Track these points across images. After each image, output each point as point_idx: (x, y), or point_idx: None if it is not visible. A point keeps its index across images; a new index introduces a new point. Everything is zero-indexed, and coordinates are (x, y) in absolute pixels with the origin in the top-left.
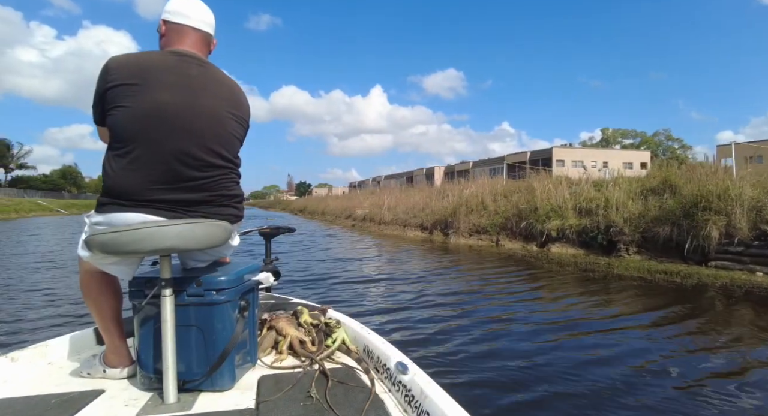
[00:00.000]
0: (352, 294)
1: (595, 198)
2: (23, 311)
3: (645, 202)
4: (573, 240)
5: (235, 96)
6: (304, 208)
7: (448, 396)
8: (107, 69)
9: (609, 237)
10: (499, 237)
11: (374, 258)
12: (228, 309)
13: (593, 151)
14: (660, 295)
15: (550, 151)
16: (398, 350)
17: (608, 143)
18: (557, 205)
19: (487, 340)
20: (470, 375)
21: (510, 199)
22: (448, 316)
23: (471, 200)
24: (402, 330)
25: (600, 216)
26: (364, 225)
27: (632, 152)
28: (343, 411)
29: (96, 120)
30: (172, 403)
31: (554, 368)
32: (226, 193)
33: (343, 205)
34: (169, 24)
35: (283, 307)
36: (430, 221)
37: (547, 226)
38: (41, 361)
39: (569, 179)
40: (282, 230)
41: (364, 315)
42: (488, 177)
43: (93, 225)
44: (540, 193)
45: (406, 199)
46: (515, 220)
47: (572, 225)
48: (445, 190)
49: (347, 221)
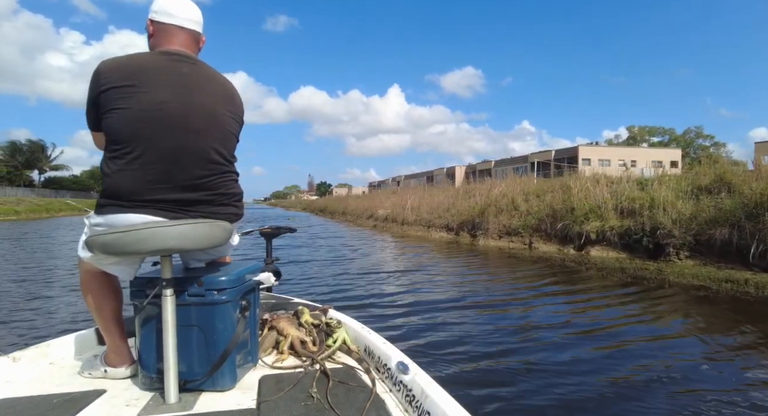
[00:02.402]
0: (382, 296)
1: (639, 197)
2: (28, 310)
3: (697, 202)
4: (614, 243)
5: (228, 93)
6: (325, 207)
7: (449, 396)
8: (99, 73)
9: (656, 239)
10: (532, 239)
11: (398, 260)
12: (229, 309)
13: (620, 149)
14: (738, 311)
15: (575, 150)
16: (399, 350)
17: (635, 141)
18: (596, 205)
19: (503, 343)
20: (472, 375)
21: (543, 198)
22: (471, 319)
23: (500, 200)
24: (426, 332)
25: (645, 217)
26: (386, 225)
27: (661, 150)
28: (344, 411)
29: (90, 125)
30: (173, 403)
31: (577, 380)
32: (226, 192)
33: (364, 205)
34: (156, 24)
35: (284, 307)
36: (456, 222)
37: (585, 228)
38: (43, 361)
39: (609, 177)
40: (283, 230)
41: (397, 316)
42: (512, 176)
43: (93, 227)
44: (577, 192)
45: (430, 198)
46: (550, 221)
47: (613, 227)
48: (472, 189)
49: (368, 221)
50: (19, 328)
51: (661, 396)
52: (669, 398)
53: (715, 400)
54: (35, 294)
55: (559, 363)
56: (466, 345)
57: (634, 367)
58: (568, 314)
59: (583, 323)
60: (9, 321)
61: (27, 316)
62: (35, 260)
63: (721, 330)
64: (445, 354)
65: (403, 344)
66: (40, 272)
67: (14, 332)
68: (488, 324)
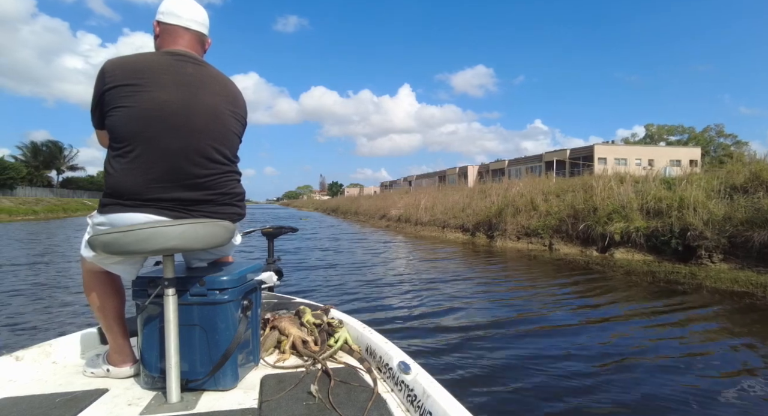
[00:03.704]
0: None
1: (666, 197)
2: (32, 310)
3: (731, 202)
4: (640, 245)
5: (232, 93)
6: (337, 207)
7: (451, 396)
8: (104, 72)
9: (686, 241)
10: (553, 240)
11: (411, 261)
12: (231, 309)
13: (637, 148)
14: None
15: (591, 149)
16: (401, 350)
17: (652, 140)
18: (620, 205)
19: (508, 345)
20: (474, 375)
21: (563, 198)
22: (484, 322)
23: (518, 199)
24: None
25: (673, 218)
26: (400, 225)
27: (680, 149)
28: (346, 410)
29: (95, 123)
30: (175, 402)
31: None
32: (228, 192)
33: (377, 205)
34: (163, 25)
35: (286, 307)
36: (471, 222)
37: (609, 229)
38: (46, 360)
39: (633, 176)
40: (285, 230)
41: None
42: (527, 175)
43: (96, 226)
44: (599, 191)
45: (444, 198)
46: (571, 222)
47: (639, 228)
48: (487, 188)
49: (381, 221)
50: (22, 327)
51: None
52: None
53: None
54: (40, 294)
55: (574, 372)
56: (471, 346)
57: (666, 380)
58: (585, 317)
59: (609, 328)
60: (13, 320)
61: (30, 316)
62: (45, 259)
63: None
64: (448, 354)
65: (405, 344)
66: (48, 272)
67: (17, 331)
68: (501, 327)
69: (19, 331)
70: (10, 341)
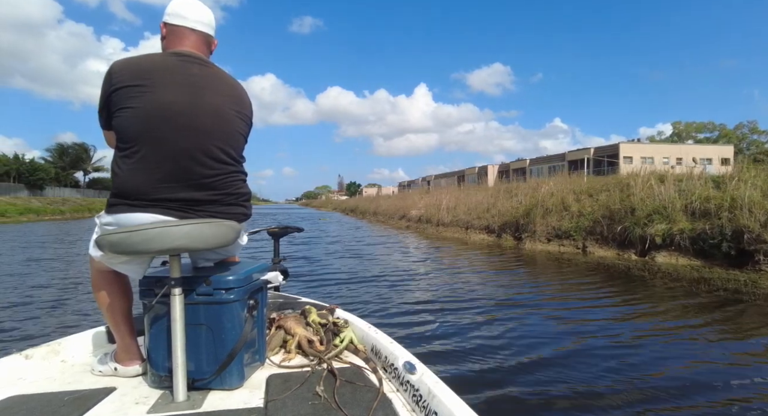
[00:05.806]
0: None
1: (715, 197)
2: (41, 308)
3: None
4: (685, 249)
5: (237, 94)
6: (355, 207)
7: (457, 396)
8: (111, 73)
9: (740, 245)
10: (586, 242)
11: (435, 263)
12: (237, 308)
13: (664, 146)
14: None
15: (616, 147)
16: (406, 350)
17: (680, 138)
18: (661, 205)
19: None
20: (480, 376)
21: (596, 198)
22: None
23: (547, 199)
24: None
25: (723, 219)
26: (420, 226)
27: (710, 147)
28: (351, 410)
29: (102, 124)
30: (181, 401)
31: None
32: (234, 192)
33: (396, 205)
34: (169, 26)
35: (292, 306)
36: (497, 223)
37: (649, 231)
38: (54, 359)
39: (675, 174)
40: (290, 230)
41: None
42: (549, 175)
43: (103, 226)
44: (638, 190)
45: (467, 198)
46: (606, 223)
47: (683, 230)
48: (514, 188)
49: (401, 222)
50: (30, 326)
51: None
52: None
53: None
54: (51, 294)
55: (587, 377)
56: (476, 346)
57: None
58: (633, 328)
59: (664, 345)
60: (22, 319)
61: (39, 314)
62: (58, 261)
63: None
64: (452, 354)
65: (411, 344)
66: (60, 272)
67: (26, 330)
68: (516, 328)
69: (28, 330)
70: (20, 339)
